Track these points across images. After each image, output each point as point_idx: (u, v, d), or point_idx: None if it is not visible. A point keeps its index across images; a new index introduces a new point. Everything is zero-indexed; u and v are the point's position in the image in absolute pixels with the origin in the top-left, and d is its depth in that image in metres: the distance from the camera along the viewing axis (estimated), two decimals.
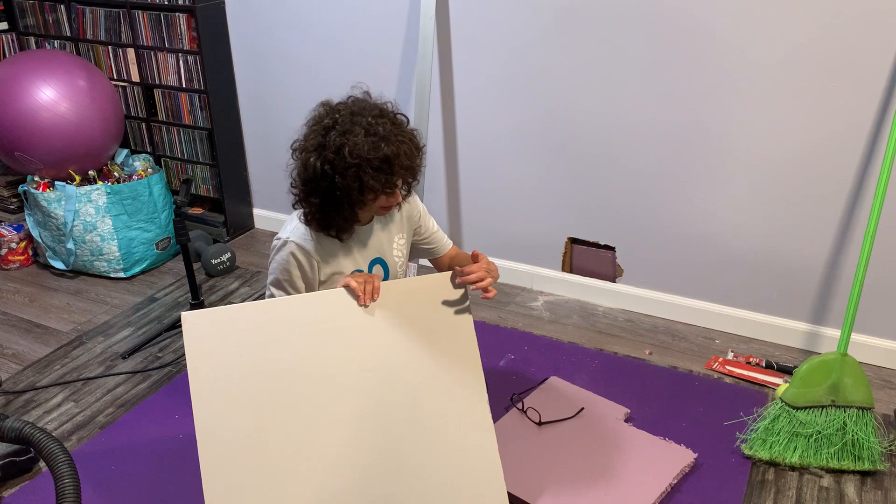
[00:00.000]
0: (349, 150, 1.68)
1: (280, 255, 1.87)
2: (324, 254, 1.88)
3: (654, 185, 2.80)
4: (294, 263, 1.85)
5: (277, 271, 1.88)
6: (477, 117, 3.03)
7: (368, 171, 1.69)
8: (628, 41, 2.63)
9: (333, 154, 1.70)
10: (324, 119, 1.75)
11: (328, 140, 1.71)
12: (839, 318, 2.66)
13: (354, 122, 1.71)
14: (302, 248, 1.85)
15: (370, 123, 1.71)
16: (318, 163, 1.72)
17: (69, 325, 2.99)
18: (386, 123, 1.73)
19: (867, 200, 2.48)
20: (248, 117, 3.60)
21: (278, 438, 1.64)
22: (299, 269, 1.86)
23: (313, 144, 1.74)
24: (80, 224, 3.21)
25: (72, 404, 2.52)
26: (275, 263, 1.89)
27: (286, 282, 1.88)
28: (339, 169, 1.70)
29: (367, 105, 1.77)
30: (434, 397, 1.77)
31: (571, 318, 3.00)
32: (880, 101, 2.36)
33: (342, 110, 1.75)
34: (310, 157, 1.73)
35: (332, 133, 1.71)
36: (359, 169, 1.69)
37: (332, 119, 1.74)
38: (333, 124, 1.72)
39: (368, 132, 1.70)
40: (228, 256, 3.38)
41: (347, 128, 1.70)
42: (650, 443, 2.23)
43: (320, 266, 1.88)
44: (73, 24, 3.65)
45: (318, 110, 1.80)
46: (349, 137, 1.69)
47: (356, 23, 3.10)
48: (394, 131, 1.73)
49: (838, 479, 2.14)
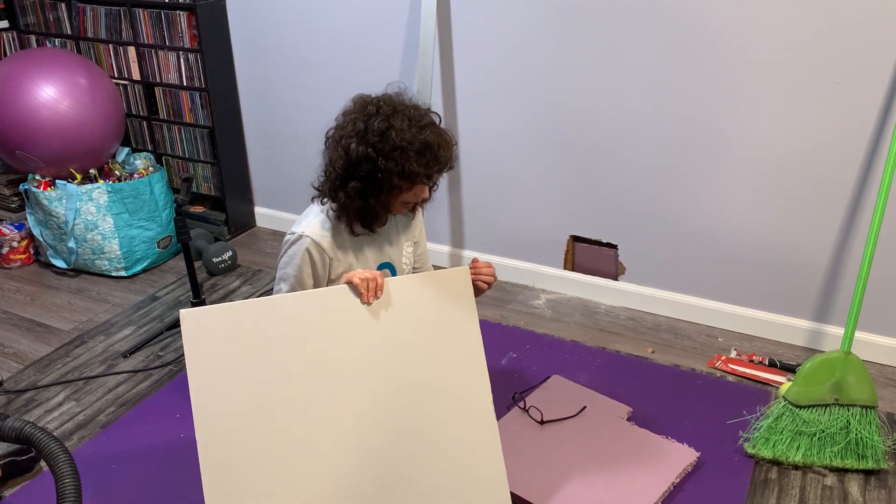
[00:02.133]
0: (395, 133, 1.71)
1: (293, 249, 1.85)
2: (338, 252, 1.87)
3: (656, 182, 2.79)
4: (307, 259, 1.83)
5: (288, 265, 1.86)
6: (478, 115, 3.02)
7: (411, 155, 1.72)
8: (631, 38, 2.62)
9: (377, 138, 1.72)
10: (367, 107, 1.77)
11: (371, 125, 1.73)
12: (843, 315, 2.64)
13: (397, 111, 1.75)
14: (317, 245, 1.83)
15: (412, 114, 1.77)
16: (360, 146, 1.73)
17: (70, 324, 2.98)
18: (428, 116, 1.80)
19: (871, 197, 2.47)
20: (249, 115, 3.59)
21: (278, 438, 1.62)
22: (311, 266, 1.85)
23: (355, 130, 1.75)
24: (81, 223, 3.20)
25: (73, 403, 2.51)
26: (286, 258, 1.87)
27: (294, 277, 1.85)
28: (383, 152, 1.72)
29: (404, 99, 1.82)
30: (437, 397, 1.76)
31: (573, 317, 2.99)
32: (884, 98, 2.34)
33: (384, 101, 1.79)
34: (351, 142, 1.75)
35: (376, 119, 1.74)
36: (403, 152, 1.72)
37: (375, 106, 1.76)
38: (377, 111, 1.75)
39: (412, 120, 1.75)
40: (230, 255, 3.37)
41: (391, 113, 1.74)
42: (652, 442, 2.22)
43: (332, 264, 1.87)
44: (74, 23, 3.64)
45: (357, 101, 1.81)
46: (394, 121, 1.73)
47: (357, 20, 3.09)
48: (434, 122, 1.80)
49: (842, 478, 2.13)
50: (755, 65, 2.47)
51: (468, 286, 1.83)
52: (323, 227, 1.85)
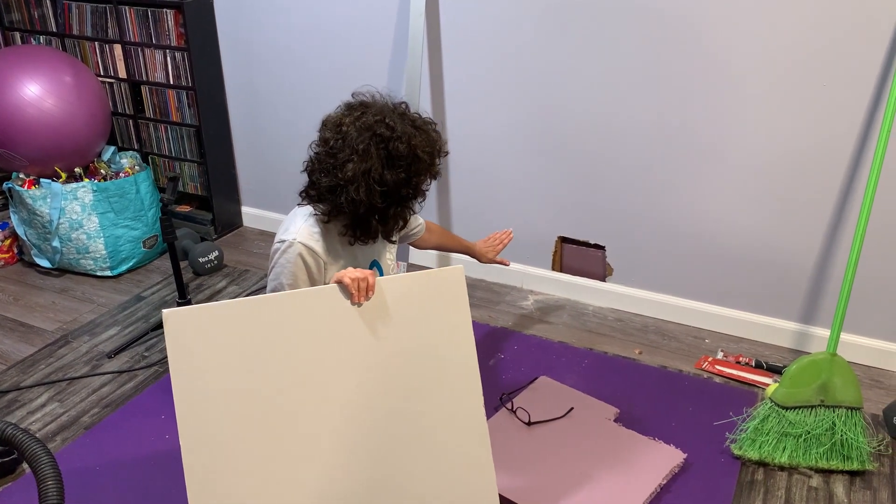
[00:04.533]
0: (422, 150, 1.75)
1: (285, 257, 1.80)
2: (331, 255, 1.84)
3: (644, 184, 2.80)
4: (301, 266, 1.80)
5: (282, 275, 1.81)
6: (467, 115, 3.01)
7: (435, 161, 1.80)
8: (620, 40, 2.62)
9: (406, 159, 1.73)
10: (377, 129, 1.73)
11: (393, 148, 1.73)
12: (829, 317, 2.66)
13: (405, 122, 1.76)
14: (310, 249, 1.80)
15: (413, 120, 1.79)
16: (395, 173, 1.74)
17: (54, 324, 2.95)
18: (411, 112, 1.82)
19: (857, 200, 2.48)
20: (236, 114, 3.57)
21: (265, 441, 1.60)
22: (307, 273, 1.81)
23: (380, 158, 1.73)
24: (65, 222, 3.17)
25: (56, 404, 2.49)
26: (279, 267, 1.82)
27: (289, 286, 1.80)
28: (416, 170, 1.76)
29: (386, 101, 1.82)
30: (428, 401, 1.73)
31: (561, 318, 2.99)
32: (870, 101, 2.36)
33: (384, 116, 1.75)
34: (384, 172, 1.73)
35: (396, 143, 1.73)
36: (431, 159, 1.77)
37: (386, 127, 1.73)
38: (391, 135, 1.73)
39: (417, 127, 1.78)
40: (216, 255, 3.35)
41: (406, 129, 1.74)
42: (640, 443, 2.23)
43: (327, 267, 1.84)
44: (59, 20, 3.61)
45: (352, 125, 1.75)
46: (414, 138, 1.74)
47: (345, 19, 3.08)
48: (428, 120, 1.83)
49: (827, 479, 2.14)
50: (743, 67, 2.48)
51: (462, 286, 1.78)
52: (313, 232, 1.81)
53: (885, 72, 2.31)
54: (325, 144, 1.77)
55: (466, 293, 1.79)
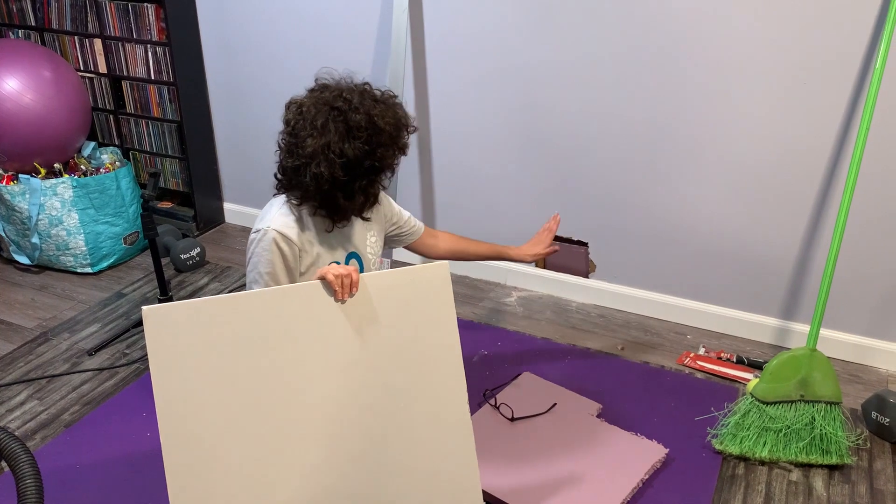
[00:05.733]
0: (382, 120, 1.73)
1: (260, 246, 1.80)
2: (305, 242, 1.84)
3: (626, 181, 2.81)
4: (277, 252, 1.79)
5: (259, 265, 1.81)
6: (451, 112, 3.01)
7: (403, 133, 1.78)
8: (604, 38, 2.63)
9: (366, 131, 1.72)
10: (332, 104, 1.74)
11: (351, 120, 1.72)
12: (808, 313, 2.68)
13: (364, 96, 1.76)
14: (284, 237, 1.80)
15: (374, 95, 1.78)
16: (354, 145, 1.72)
17: (34, 321, 2.92)
18: (377, 92, 1.80)
19: (836, 198, 2.51)
20: (218, 110, 3.55)
21: (247, 441, 1.58)
22: (283, 261, 1.81)
23: (338, 133, 1.72)
24: (45, 218, 3.14)
25: (36, 402, 2.46)
26: (255, 257, 1.82)
27: (268, 275, 1.81)
28: (378, 142, 1.74)
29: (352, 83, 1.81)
30: (412, 398, 1.72)
31: (545, 314, 3.00)
32: (849, 99, 2.38)
33: (343, 91, 1.76)
34: (343, 145, 1.72)
35: (353, 114, 1.72)
36: (395, 130, 1.76)
37: (343, 100, 1.74)
38: (348, 105, 1.73)
39: (377, 99, 1.77)
40: (198, 251, 3.33)
41: (364, 102, 1.74)
42: (622, 438, 2.24)
43: (302, 255, 1.84)
44: (38, 14, 3.56)
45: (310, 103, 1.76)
46: (373, 109, 1.73)
47: (328, 15, 3.06)
48: (389, 94, 1.81)
49: (807, 473, 2.17)
50: (724, 65, 2.50)
51: (447, 282, 1.77)
52: (287, 220, 1.82)
53: (863, 70, 2.33)
54: (288, 125, 1.79)
55: (451, 289, 1.77)
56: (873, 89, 2.23)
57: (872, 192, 2.44)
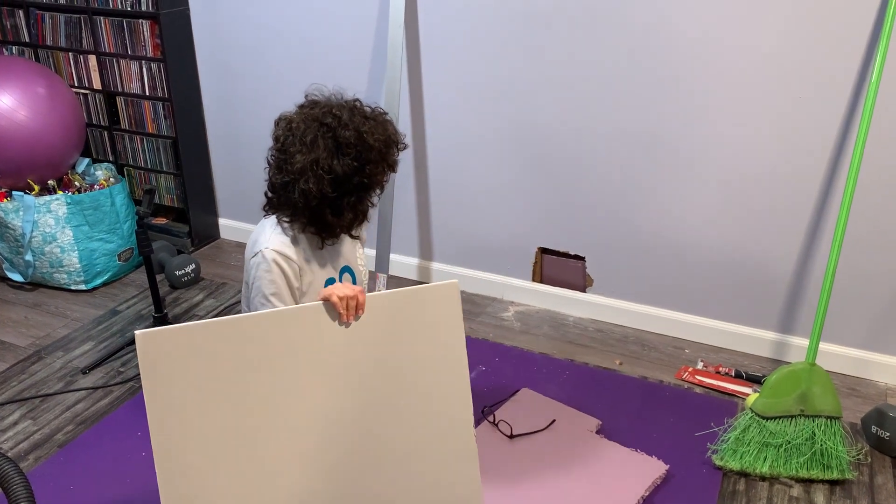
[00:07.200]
0: (372, 136, 1.72)
1: (261, 269, 1.78)
2: (303, 261, 1.83)
3: (623, 194, 2.81)
4: (279, 272, 1.78)
5: (263, 287, 1.78)
6: (446, 126, 3.01)
7: (393, 150, 1.78)
8: (598, 51, 2.63)
9: (355, 147, 1.72)
10: (321, 120, 1.74)
11: (340, 137, 1.72)
12: (807, 327, 2.68)
13: (354, 113, 1.75)
14: (284, 256, 1.79)
15: (364, 111, 1.77)
16: (343, 161, 1.72)
17: (27, 340, 2.90)
18: (367, 108, 1.80)
19: (834, 211, 2.51)
20: (213, 126, 3.54)
21: (243, 466, 1.53)
22: (285, 280, 1.79)
23: (327, 149, 1.72)
24: (38, 235, 3.12)
25: (29, 422, 2.43)
26: (257, 281, 1.79)
27: (274, 296, 1.78)
28: (367, 159, 1.73)
29: (342, 99, 1.81)
30: (419, 424, 1.68)
31: (542, 329, 2.98)
32: (845, 113, 2.39)
33: (332, 107, 1.76)
34: (331, 160, 1.72)
35: (342, 131, 1.72)
36: (384, 147, 1.75)
37: (332, 117, 1.74)
38: (338, 124, 1.73)
39: (367, 116, 1.76)
40: (193, 268, 3.31)
41: (354, 118, 1.74)
42: (622, 454, 2.22)
43: (302, 273, 1.83)
44: (33, 30, 3.56)
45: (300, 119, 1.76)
46: (363, 126, 1.73)
47: (324, 30, 3.06)
48: (379, 111, 1.81)
49: (808, 489, 2.15)
50: (720, 79, 2.50)
51: (456, 302, 1.71)
52: (283, 238, 1.81)
53: (859, 83, 2.34)
54: (277, 142, 1.79)
55: (461, 310, 1.71)
56: (869, 102, 2.23)
57: (869, 205, 2.44)
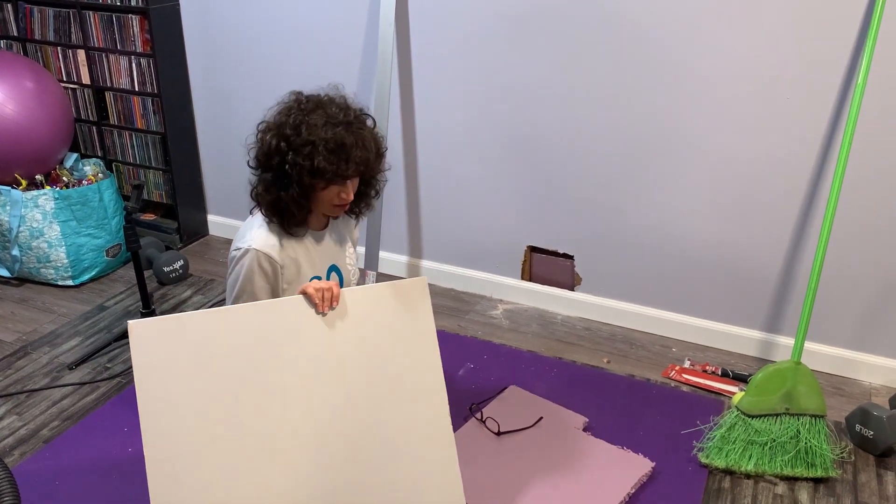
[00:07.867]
0: (306, 127, 1.72)
1: (241, 264, 1.80)
2: (286, 259, 1.84)
3: (612, 194, 2.82)
4: (258, 272, 1.79)
5: (239, 283, 1.81)
6: (436, 124, 3.01)
7: (322, 152, 1.70)
8: (589, 51, 2.64)
9: (291, 131, 1.73)
10: (292, 102, 1.79)
11: (289, 119, 1.75)
12: (793, 326, 2.70)
13: (319, 107, 1.76)
14: (267, 256, 1.80)
15: (333, 112, 1.76)
16: (274, 139, 1.75)
17: (13, 335, 2.88)
18: (350, 115, 1.77)
19: (820, 212, 2.53)
20: (202, 122, 3.53)
21: (231, 455, 1.58)
22: (264, 279, 1.81)
23: (274, 123, 1.77)
24: (25, 230, 3.10)
25: (14, 417, 2.42)
26: (234, 276, 1.82)
27: (247, 294, 1.81)
28: (293, 146, 1.73)
29: (335, 97, 1.81)
30: (394, 411, 1.73)
31: (530, 327, 2.99)
32: (832, 112, 2.40)
33: (311, 97, 1.80)
34: (268, 133, 1.77)
35: (295, 113, 1.75)
36: (313, 147, 1.71)
37: (299, 102, 1.78)
38: (299, 106, 1.76)
39: (329, 117, 1.74)
40: (181, 264, 3.30)
41: (311, 109, 1.75)
42: (608, 452, 2.23)
43: (283, 272, 1.84)
44: (21, 24, 3.54)
45: (289, 96, 1.82)
46: (309, 117, 1.73)
47: (314, 27, 3.06)
48: (356, 124, 1.77)
49: (792, 487, 2.17)
50: (709, 79, 2.52)
51: (426, 296, 1.81)
52: (268, 236, 1.82)
53: (846, 83, 2.36)
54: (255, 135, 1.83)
55: (430, 303, 1.81)
56: (856, 102, 2.25)
57: (855, 204, 2.46)
